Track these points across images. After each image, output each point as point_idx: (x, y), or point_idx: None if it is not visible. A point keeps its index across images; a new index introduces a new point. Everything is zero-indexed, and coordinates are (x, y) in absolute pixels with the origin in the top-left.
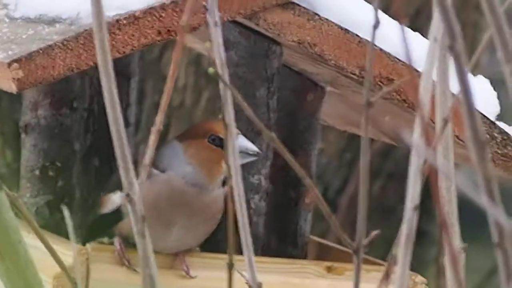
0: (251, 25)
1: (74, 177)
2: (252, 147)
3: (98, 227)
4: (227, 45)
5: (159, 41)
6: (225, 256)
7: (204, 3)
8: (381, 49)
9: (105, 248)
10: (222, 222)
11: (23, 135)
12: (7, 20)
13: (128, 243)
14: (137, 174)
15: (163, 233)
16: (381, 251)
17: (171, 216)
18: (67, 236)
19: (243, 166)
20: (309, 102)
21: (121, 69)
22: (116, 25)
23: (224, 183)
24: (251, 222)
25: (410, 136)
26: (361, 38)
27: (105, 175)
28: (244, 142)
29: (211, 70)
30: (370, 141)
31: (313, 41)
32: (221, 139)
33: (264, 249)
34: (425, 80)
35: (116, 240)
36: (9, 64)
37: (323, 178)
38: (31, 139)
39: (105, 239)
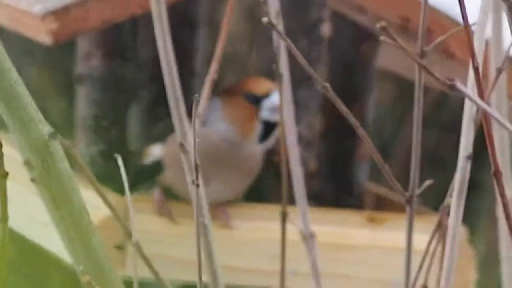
0: None
1: (130, 126)
2: (277, 101)
3: (140, 178)
4: None
5: None
6: (266, 206)
7: None
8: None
9: (145, 198)
10: (263, 173)
11: (76, 86)
12: None
13: (169, 194)
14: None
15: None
16: (436, 201)
17: (207, 170)
18: (120, 186)
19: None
20: (364, 51)
21: (186, 16)
22: None
23: (264, 138)
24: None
25: (463, 85)
26: None
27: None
28: (276, 99)
29: (265, 19)
30: (424, 91)
31: None
32: (255, 97)
33: (320, 197)
34: (478, 31)
35: (156, 191)
36: (44, 17)
37: (377, 128)
38: (84, 90)
39: (146, 190)
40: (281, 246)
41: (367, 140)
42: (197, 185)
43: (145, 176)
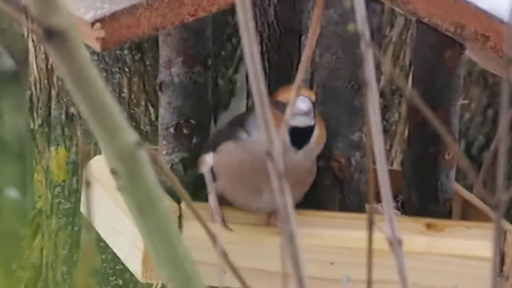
0: None
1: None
2: (302, 107)
3: (197, 186)
4: (327, 3)
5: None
6: (325, 213)
7: None
8: (476, 7)
9: (199, 205)
10: (320, 181)
11: (159, 93)
12: None
13: (224, 201)
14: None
15: (254, 196)
16: None
17: (257, 181)
18: (200, 193)
19: (343, 123)
20: (448, 58)
21: (291, 26)
22: None
23: (300, 144)
24: (352, 179)
25: None
26: None
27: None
28: (298, 104)
29: (350, 26)
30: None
31: None
32: (281, 104)
33: (405, 204)
34: None
35: (211, 198)
36: (92, 24)
37: (467, 134)
38: (166, 97)
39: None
40: (367, 254)
41: (455, 146)
42: (282, 192)
43: (201, 185)
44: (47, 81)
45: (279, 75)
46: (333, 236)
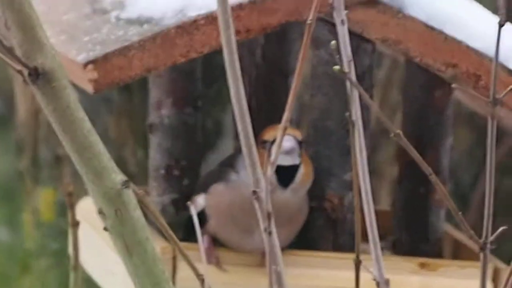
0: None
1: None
2: (288, 146)
3: (190, 228)
4: (317, 43)
5: (237, 41)
6: (317, 253)
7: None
8: (468, 46)
9: (193, 246)
10: (313, 221)
11: (149, 135)
12: (113, 21)
13: (218, 242)
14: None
15: (246, 237)
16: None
17: (248, 222)
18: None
19: (336, 163)
20: (438, 98)
21: (278, 66)
22: (194, 25)
23: (286, 182)
24: (345, 219)
25: None
26: (447, 35)
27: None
28: (283, 142)
29: (336, 68)
30: (503, 136)
31: (397, 38)
32: (266, 142)
33: (396, 244)
34: None
35: (205, 239)
36: (85, 66)
37: (455, 174)
38: (156, 138)
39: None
40: None
41: (440, 186)
42: (269, 233)
43: (193, 226)
44: (34, 121)
45: (266, 115)
46: (328, 276)
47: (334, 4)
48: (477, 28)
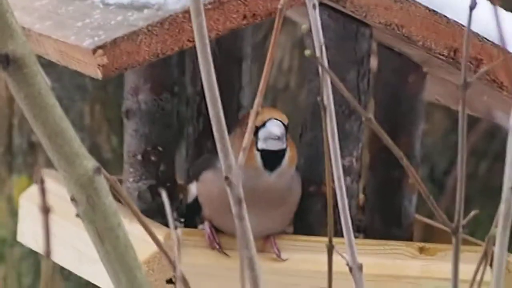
0: (338, 7)
1: (180, 161)
2: (275, 131)
3: (187, 216)
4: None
5: (244, 25)
6: (316, 238)
7: None
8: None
9: (196, 232)
10: (311, 206)
11: (125, 120)
12: (101, 6)
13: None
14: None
15: None
16: (488, 231)
17: None
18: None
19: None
20: (411, 83)
21: (233, 52)
22: None
23: (273, 166)
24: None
25: (505, 116)
26: (449, 19)
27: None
28: (270, 127)
29: (307, 52)
30: (476, 121)
31: (400, 22)
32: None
33: (367, 229)
34: None
35: (206, 225)
36: (94, 51)
37: (430, 159)
38: (133, 124)
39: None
40: (328, 279)
41: (412, 170)
42: (241, 218)
43: (190, 215)
44: (8, 109)
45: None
46: (324, 261)
47: None
48: (476, 13)
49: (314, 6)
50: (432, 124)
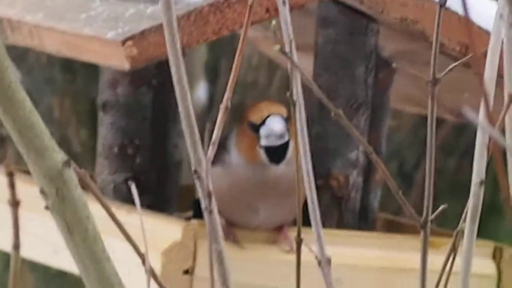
0: (355, 3)
1: (153, 154)
2: (277, 129)
3: (199, 209)
4: (326, 23)
5: (267, 18)
6: (324, 231)
7: None
8: (479, 27)
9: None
10: (319, 199)
11: (100, 113)
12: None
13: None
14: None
15: (251, 215)
16: (456, 226)
17: (249, 200)
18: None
19: (341, 142)
20: (380, 79)
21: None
22: (226, 3)
23: (278, 159)
24: (349, 197)
25: (474, 113)
26: (461, 16)
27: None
28: (271, 124)
29: (276, 47)
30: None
31: (415, 18)
32: (253, 125)
33: (337, 223)
34: (490, 56)
35: (221, 216)
36: (123, 42)
37: (399, 154)
38: (109, 117)
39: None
40: (296, 272)
41: (381, 164)
42: (210, 212)
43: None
44: None
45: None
46: (338, 253)
47: None
48: (483, 10)
49: (284, 2)
50: (401, 119)
